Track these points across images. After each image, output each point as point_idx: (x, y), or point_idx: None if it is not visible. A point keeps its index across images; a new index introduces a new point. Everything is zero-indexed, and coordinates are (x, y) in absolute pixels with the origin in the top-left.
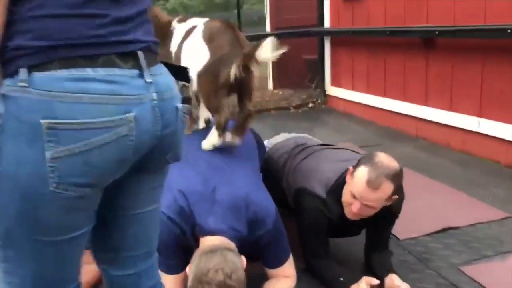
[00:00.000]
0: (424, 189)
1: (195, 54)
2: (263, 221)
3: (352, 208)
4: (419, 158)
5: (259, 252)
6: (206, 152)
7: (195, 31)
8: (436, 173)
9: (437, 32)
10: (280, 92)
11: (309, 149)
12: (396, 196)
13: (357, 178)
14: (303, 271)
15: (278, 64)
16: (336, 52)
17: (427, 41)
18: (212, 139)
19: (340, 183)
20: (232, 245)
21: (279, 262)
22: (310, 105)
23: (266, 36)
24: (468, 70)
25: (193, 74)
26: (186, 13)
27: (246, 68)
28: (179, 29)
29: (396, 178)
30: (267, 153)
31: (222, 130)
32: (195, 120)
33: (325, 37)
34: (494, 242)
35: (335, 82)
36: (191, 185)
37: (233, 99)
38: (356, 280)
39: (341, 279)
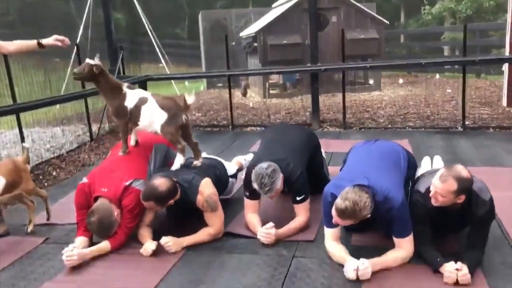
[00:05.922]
0: None
1: (155, 115)
2: (390, 203)
3: (430, 195)
4: None
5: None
6: (373, 157)
7: (149, 101)
8: None
9: None
10: None
11: None
12: (462, 196)
13: (437, 174)
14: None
15: None
16: None
17: None
18: (179, 160)
19: None
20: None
21: (399, 235)
22: None
23: None
24: None
25: (157, 127)
26: (454, 18)
27: (186, 116)
28: (131, 95)
29: (462, 181)
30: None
31: (184, 153)
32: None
33: None
34: None
35: None
36: (349, 175)
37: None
38: None
39: (438, 259)
